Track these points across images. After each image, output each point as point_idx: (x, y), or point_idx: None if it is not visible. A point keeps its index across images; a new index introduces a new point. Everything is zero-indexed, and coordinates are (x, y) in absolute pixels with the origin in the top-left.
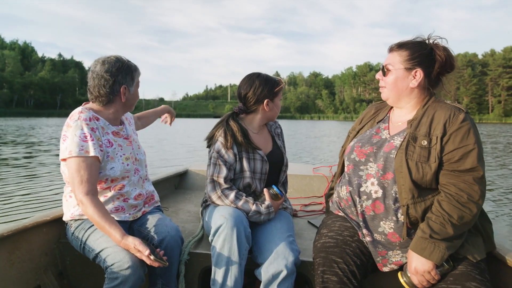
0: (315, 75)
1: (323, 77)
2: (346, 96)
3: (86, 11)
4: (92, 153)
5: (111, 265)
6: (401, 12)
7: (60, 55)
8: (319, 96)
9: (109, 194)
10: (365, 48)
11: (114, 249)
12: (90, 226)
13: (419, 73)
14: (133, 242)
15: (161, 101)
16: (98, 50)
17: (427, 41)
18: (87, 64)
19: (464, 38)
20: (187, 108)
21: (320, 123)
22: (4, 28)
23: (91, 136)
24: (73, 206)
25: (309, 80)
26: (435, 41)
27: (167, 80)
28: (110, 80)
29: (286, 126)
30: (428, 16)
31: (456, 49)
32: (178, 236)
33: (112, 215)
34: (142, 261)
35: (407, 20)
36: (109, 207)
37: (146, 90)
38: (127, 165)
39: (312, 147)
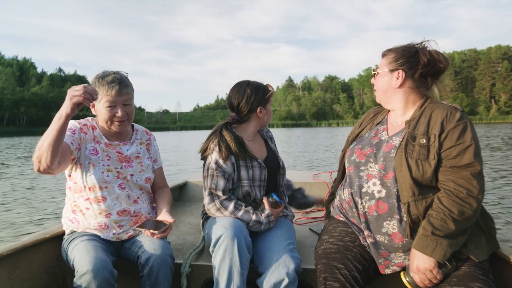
0: (331, 78)
1: (340, 80)
2: (367, 99)
3: (103, 29)
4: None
5: (76, 272)
6: (416, 13)
7: (60, 69)
8: (336, 101)
9: (90, 207)
10: (380, 52)
11: (79, 256)
12: (73, 238)
13: (401, 74)
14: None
15: (165, 113)
16: (116, 67)
17: (416, 45)
18: (90, 79)
19: (482, 37)
20: (193, 119)
21: (339, 130)
22: (24, 50)
23: (74, 131)
24: (68, 219)
25: (325, 84)
26: (423, 44)
27: (181, 93)
28: None
29: (302, 134)
30: (444, 16)
31: (477, 47)
32: (167, 254)
33: (95, 232)
34: (105, 264)
35: (422, 21)
36: (92, 222)
37: (149, 102)
38: (107, 176)
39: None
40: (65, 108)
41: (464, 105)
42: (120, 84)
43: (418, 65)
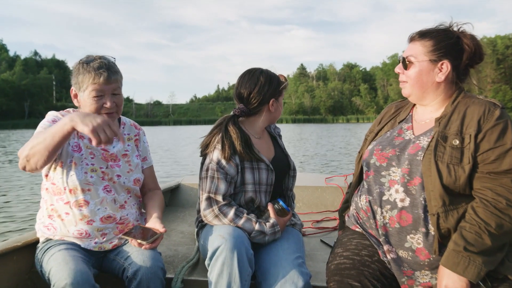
0: (350, 66)
1: (361, 68)
2: (392, 91)
3: (88, 8)
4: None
5: (52, 286)
6: None
7: (36, 53)
8: (356, 93)
9: (71, 212)
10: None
11: (57, 268)
12: (49, 247)
13: (445, 66)
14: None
15: (157, 104)
16: (102, 51)
17: (451, 29)
18: (71, 64)
19: None
20: (188, 112)
21: (359, 127)
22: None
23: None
24: (43, 225)
25: (343, 73)
26: (461, 29)
27: (176, 82)
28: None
29: (315, 131)
30: None
31: None
32: (157, 266)
33: (74, 240)
34: (86, 277)
35: (457, 2)
36: (71, 229)
37: (138, 92)
38: (91, 177)
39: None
40: (80, 126)
41: (508, 99)
42: (109, 71)
43: (464, 54)
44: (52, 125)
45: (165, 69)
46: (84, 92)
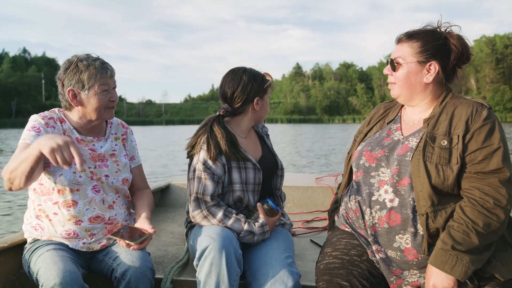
0: (347, 66)
1: (357, 68)
2: (388, 91)
3: (83, 6)
4: (27, 140)
5: (41, 287)
6: None
7: (24, 50)
8: (352, 92)
9: (59, 212)
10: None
11: (45, 268)
12: (37, 248)
13: (434, 67)
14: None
15: (149, 104)
16: (97, 50)
17: (438, 30)
18: (61, 62)
19: None
20: (181, 112)
21: (355, 127)
22: None
23: (38, 129)
24: (30, 226)
25: (339, 73)
26: (448, 29)
27: (171, 81)
28: (59, 84)
29: (309, 131)
30: None
31: None
32: (146, 267)
33: (62, 240)
34: (75, 277)
35: (455, 1)
36: (59, 230)
37: (130, 91)
38: (80, 176)
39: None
40: (42, 148)
41: (506, 99)
42: (110, 65)
43: (451, 54)
44: (28, 146)
45: (160, 68)
46: (89, 90)
